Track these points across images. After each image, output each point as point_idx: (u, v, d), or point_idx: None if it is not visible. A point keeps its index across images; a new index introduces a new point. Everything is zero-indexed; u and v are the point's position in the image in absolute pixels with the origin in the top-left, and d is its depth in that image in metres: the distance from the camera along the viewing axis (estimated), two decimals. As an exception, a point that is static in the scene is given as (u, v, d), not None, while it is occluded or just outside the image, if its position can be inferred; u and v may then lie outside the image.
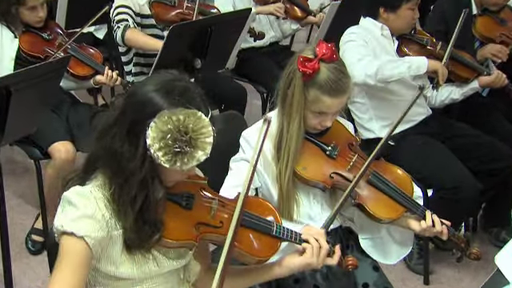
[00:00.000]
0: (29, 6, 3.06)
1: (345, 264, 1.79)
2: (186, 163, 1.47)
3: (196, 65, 3.15)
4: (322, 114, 1.94)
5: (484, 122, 3.23)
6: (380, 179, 2.00)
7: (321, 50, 1.90)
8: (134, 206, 1.51)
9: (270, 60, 3.96)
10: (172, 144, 1.46)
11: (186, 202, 1.61)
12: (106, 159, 1.54)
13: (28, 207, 3.45)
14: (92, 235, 1.50)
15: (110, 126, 1.55)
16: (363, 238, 2.09)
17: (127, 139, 1.51)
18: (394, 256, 2.09)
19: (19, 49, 3.08)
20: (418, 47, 2.99)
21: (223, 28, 3.19)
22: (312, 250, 1.71)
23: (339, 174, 1.98)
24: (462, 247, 2.04)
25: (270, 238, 1.69)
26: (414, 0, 2.84)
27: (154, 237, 1.53)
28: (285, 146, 1.96)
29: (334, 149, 2.00)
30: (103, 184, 1.55)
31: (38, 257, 3.14)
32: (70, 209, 1.52)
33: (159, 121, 1.46)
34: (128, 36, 3.35)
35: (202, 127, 1.48)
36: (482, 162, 2.99)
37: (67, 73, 3.03)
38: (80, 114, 3.20)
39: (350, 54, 2.75)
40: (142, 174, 1.50)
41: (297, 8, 4.10)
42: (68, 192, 1.54)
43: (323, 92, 1.90)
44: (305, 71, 1.89)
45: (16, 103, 2.36)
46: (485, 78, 3.07)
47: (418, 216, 1.99)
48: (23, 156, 3.42)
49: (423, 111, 3.05)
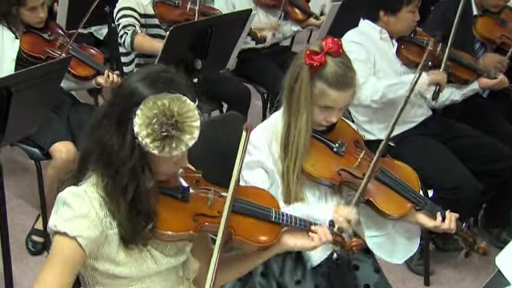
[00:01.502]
0: (29, 6, 3.07)
1: (349, 246, 1.80)
2: (174, 148, 1.48)
3: (196, 65, 3.16)
4: (328, 108, 1.95)
5: (484, 123, 3.23)
6: (388, 175, 2.02)
7: (327, 43, 1.93)
8: (125, 196, 1.52)
9: (270, 61, 3.96)
10: (159, 129, 1.47)
11: (182, 194, 1.62)
12: (98, 152, 1.56)
13: (28, 208, 3.45)
14: (84, 235, 1.51)
15: (99, 119, 1.57)
16: (369, 235, 2.09)
17: (116, 130, 1.53)
18: (400, 254, 2.09)
19: (20, 49, 3.08)
20: (418, 49, 2.99)
21: (223, 29, 3.19)
22: (318, 240, 1.72)
23: (347, 170, 1.99)
24: (471, 242, 2.05)
25: (270, 224, 1.70)
26: (414, 3, 2.85)
27: (148, 227, 1.54)
28: (292, 143, 1.96)
29: (340, 146, 2.02)
30: (97, 183, 1.56)
31: (38, 257, 3.14)
32: (65, 209, 1.53)
33: (144, 107, 1.48)
34: (137, 42, 3.39)
35: (188, 111, 1.49)
36: (482, 163, 3.00)
37: (68, 73, 3.04)
38: (80, 114, 3.20)
39: None
40: (131, 164, 1.51)
41: (298, 10, 4.10)
42: (62, 192, 1.55)
43: (330, 85, 1.92)
44: (312, 64, 1.91)
45: (17, 104, 2.36)
46: (485, 80, 3.08)
47: (426, 211, 2.01)
48: (23, 156, 3.42)
49: (423, 112, 3.06)
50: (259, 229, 1.69)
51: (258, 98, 4.07)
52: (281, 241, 1.72)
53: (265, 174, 1.98)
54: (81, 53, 3.20)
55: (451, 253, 3.18)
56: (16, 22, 3.12)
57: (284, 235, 1.73)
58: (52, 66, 2.67)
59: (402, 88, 2.78)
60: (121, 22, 3.44)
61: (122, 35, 3.42)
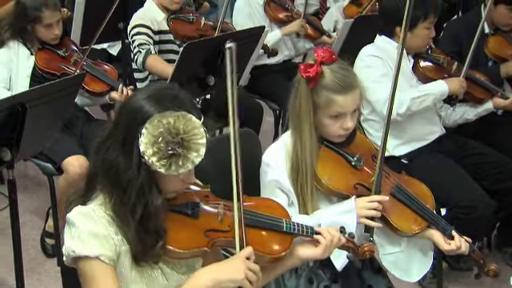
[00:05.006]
0: (45, 23, 3.10)
1: (361, 251, 1.79)
2: (180, 166, 1.48)
3: (209, 82, 3.17)
4: (339, 115, 1.95)
5: (499, 141, 3.21)
6: (403, 192, 2.02)
7: (318, 54, 1.94)
8: (134, 216, 1.52)
9: (282, 77, 3.97)
10: (165, 147, 1.47)
11: (192, 210, 1.62)
12: (104, 172, 1.55)
13: (40, 223, 3.45)
14: (104, 254, 1.51)
15: (104, 139, 1.58)
16: (384, 253, 2.07)
17: (122, 149, 1.52)
18: (416, 271, 2.07)
19: (35, 66, 3.12)
20: (435, 66, 2.99)
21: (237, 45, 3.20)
22: (325, 245, 1.71)
23: (363, 185, 1.98)
24: (481, 264, 2.04)
25: (282, 235, 1.69)
26: (430, 19, 2.84)
27: (158, 245, 1.54)
28: (301, 160, 1.96)
29: (359, 160, 2.01)
30: (104, 202, 1.56)
31: (51, 273, 3.14)
32: (75, 231, 1.52)
33: (150, 126, 1.48)
34: (148, 63, 3.42)
35: (194, 128, 1.49)
36: (496, 181, 2.97)
37: (82, 89, 3.06)
38: (93, 129, 3.21)
39: (375, 90, 2.74)
40: (138, 182, 1.51)
41: (310, 27, 4.12)
42: (71, 214, 1.55)
43: (334, 92, 1.92)
44: (308, 76, 1.92)
45: (31, 119, 2.37)
46: (500, 100, 3.07)
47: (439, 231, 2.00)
48: (36, 171, 3.44)
49: (437, 130, 3.05)
50: (271, 240, 1.68)
51: (269, 114, 4.08)
52: (293, 253, 1.72)
53: (283, 195, 1.97)
54: (95, 69, 3.23)
55: (464, 272, 3.14)
56: (31, 38, 3.16)
57: (295, 247, 1.72)
58: (66, 82, 2.69)
59: (425, 100, 2.82)
60: (135, 40, 3.47)
61: (135, 53, 3.46)
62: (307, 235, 1.72)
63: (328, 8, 4.94)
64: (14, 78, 3.12)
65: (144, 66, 3.44)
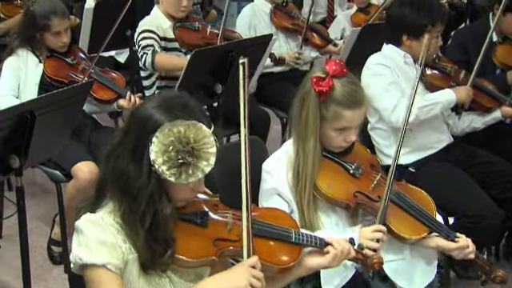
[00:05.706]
0: (53, 31, 3.11)
1: (370, 263, 1.79)
2: (191, 175, 1.49)
3: (217, 89, 3.18)
4: (344, 129, 1.97)
5: (507, 149, 3.20)
6: (404, 200, 2.03)
7: (330, 67, 1.95)
8: (143, 224, 1.52)
9: (289, 85, 3.96)
10: (175, 156, 1.47)
11: (201, 219, 1.62)
12: (114, 180, 1.56)
13: (47, 229, 3.45)
14: (111, 262, 1.51)
15: (115, 147, 1.58)
16: (387, 260, 2.06)
17: (132, 158, 1.53)
18: (419, 280, 2.07)
19: (44, 74, 3.13)
20: (442, 75, 2.99)
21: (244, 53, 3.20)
22: (335, 256, 1.71)
23: (363, 193, 1.99)
24: (487, 270, 2.04)
25: (290, 246, 1.69)
26: (437, 27, 2.85)
27: (167, 253, 1.54)
28: (302, 168, 1.97)
29: (357, 168, 2.03)
30: (113, 210, 1.57)
31: (58, 280, 3.14)
32: (83, 238, 1.53)
33: (160, 134, 1.48)
34: (158, 61, 3.41)
35: (204, 137, 1.50)
36: (504, 190, 2.96)
37: (90, 97, 3.07)
38: (101, 137, 3.22)
39: (383, 98, 2.76)
40: (148, 191, 1.51)
41: (317, 36, 4.13)
42: (79, 221, 1.56)
43: (343, 107, 1.94)
44: (321, 90, 1.93)
45: (40, 127, 2.39)
46: (508, 109, 3.07)
47: (442, 237, 2.00)
48: (43, 178, 3.44)
49: (445, 138, 3.04)
50: (280, 250, 1.68)
51: (277, 122, 4.08)
52: (301, 263, 1.72)
53: (283, 201, 1.98)
54: (103, 76, 3.24)
55: (472, 280, 3.13)
56: (40, 46, 3.17)
57: (304, 257, 1.72)
58: (75, 90, 2.71)
59: (433, 109, 2.83)
60: (141, 44, 3.47)
61: (142, 55, 3.44)
62: (316, 246, 1.73)
63: (335, 16, 4.96)
64: (22, 86, 3.13)
65: (154, 65, 3.41)
